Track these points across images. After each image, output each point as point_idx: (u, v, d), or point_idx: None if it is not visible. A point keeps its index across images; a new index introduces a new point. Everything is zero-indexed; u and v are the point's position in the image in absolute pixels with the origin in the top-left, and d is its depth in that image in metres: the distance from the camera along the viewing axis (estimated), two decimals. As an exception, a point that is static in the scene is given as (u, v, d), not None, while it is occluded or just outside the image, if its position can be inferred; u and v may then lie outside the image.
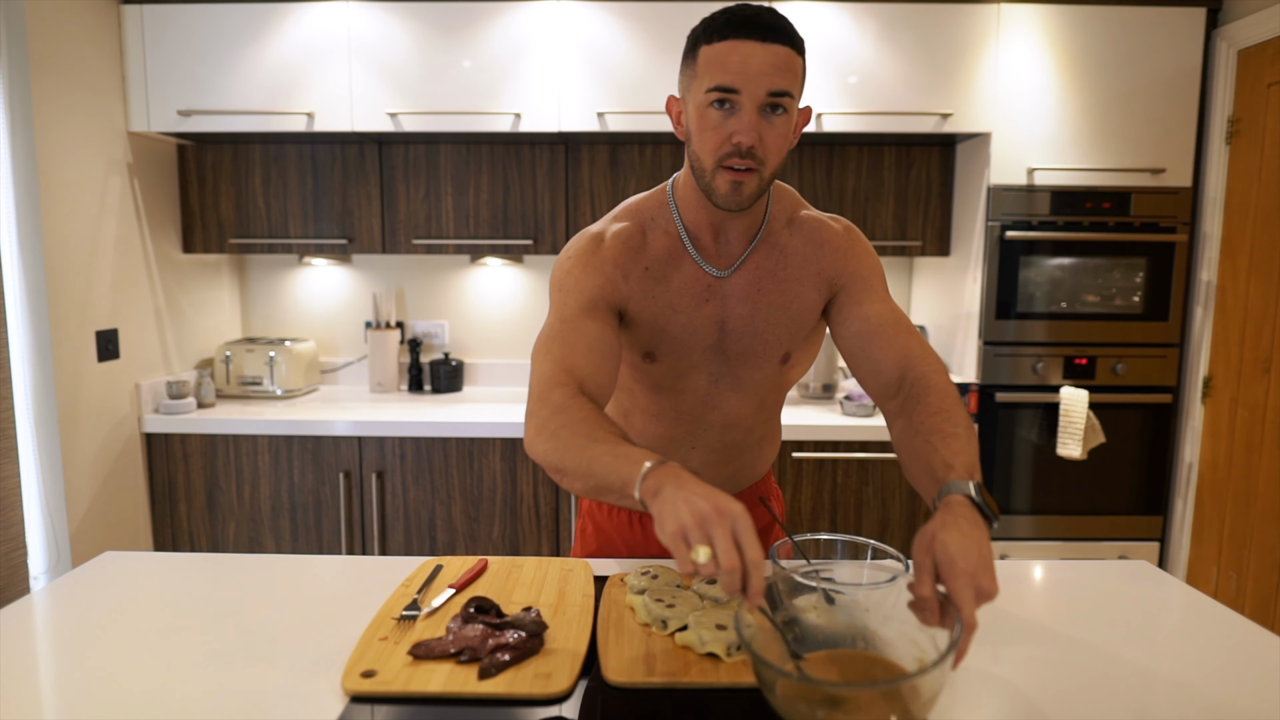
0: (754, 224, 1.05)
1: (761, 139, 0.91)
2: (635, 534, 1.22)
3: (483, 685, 0.79)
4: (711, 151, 0.93)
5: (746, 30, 0.89)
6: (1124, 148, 2.25)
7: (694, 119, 0.94)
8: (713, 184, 0.95)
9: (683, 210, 1.05)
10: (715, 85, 0.90)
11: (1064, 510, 2.35)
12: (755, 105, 0.90)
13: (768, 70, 0.89)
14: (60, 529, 2.02)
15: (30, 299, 1.95)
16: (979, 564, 0.71)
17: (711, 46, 0.91)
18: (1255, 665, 0.87)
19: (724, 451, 1.16)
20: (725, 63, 0.89)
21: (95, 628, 0.94)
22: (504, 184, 2.49)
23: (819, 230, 1.08)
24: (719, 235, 1.04)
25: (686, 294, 1.04)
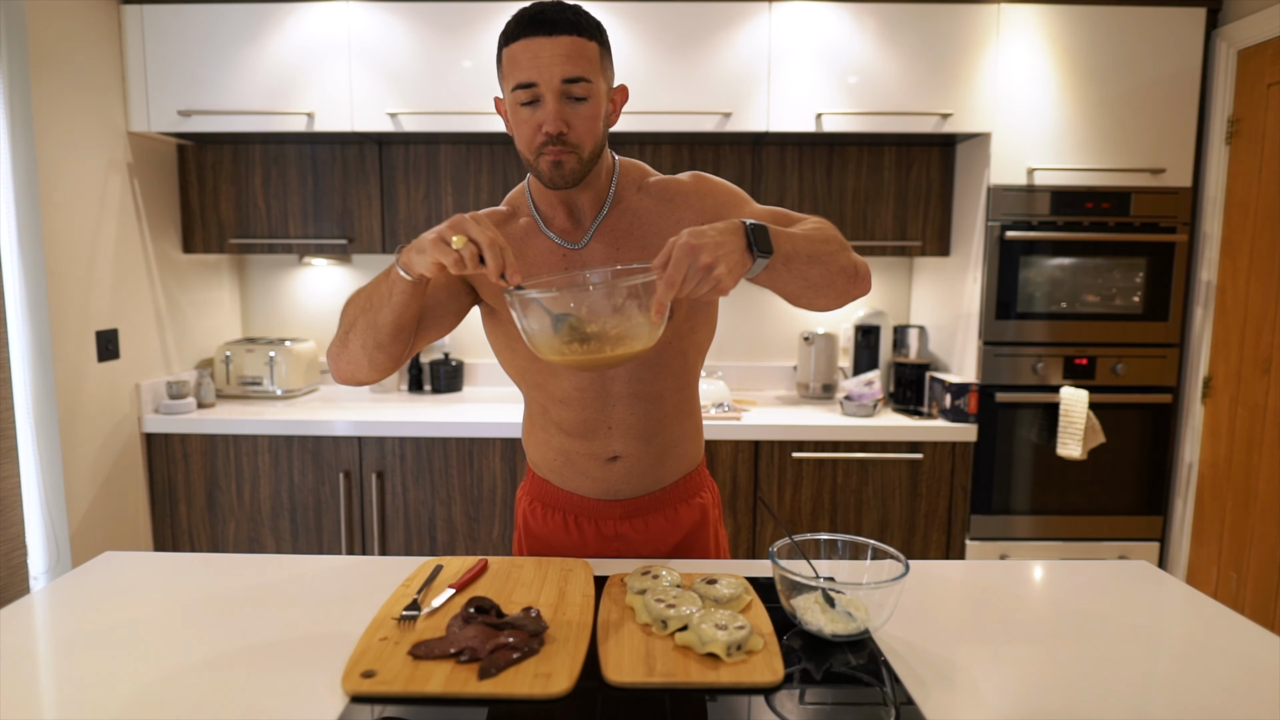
0: (599, 193, 1.10)
1: (569, 124, 0.98)
2: (572, 536, 1.22)
3: (483, 685, 0.79)
4: (527, 143, 1.01)
5: (534, 27, 0.96)
6: (1124, 148, 2.25)
7: (510, 117, 1.03)
8: (538, 168, 1.02)
9: (536, 196, 1.13)
10: (516, 84, 0.97)
11: (1064, 510, 2.35)
12: (554, 94, 0.97)
13: (558, 60, 0.95)
14: (60, 529, 2.02)
15: (30, 299, 1.95)
16: (703, 238, 0.82)
17: (509, 48, 0.98)
18: (1255, 665, 0.87)
19: (642, 428, 1.16)
20: (519, 61, 0.97)
21: (95, 628, 0.94)
22: (504, 184, 2.49)
23: (666, 186, 1.13)
24: (572, 211, 1.10)
25: (543, 264, 1.10)
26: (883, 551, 0.97)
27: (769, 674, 0.82)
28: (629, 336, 0.88)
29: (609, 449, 1.17)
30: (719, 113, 2.24)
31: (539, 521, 1.24)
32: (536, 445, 1.24)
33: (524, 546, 1.28)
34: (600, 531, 1.20)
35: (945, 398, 2.34)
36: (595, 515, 1.20)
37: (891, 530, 2.31)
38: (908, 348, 2.64)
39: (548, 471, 1.23)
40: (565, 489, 1.21)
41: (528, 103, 0.98)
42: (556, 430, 1.18)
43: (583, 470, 1.18)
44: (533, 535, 1.26)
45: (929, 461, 2.28)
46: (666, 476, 1.21)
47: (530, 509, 1.26)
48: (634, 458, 1.17)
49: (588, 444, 1.16)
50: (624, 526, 1.20)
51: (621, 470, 1.17)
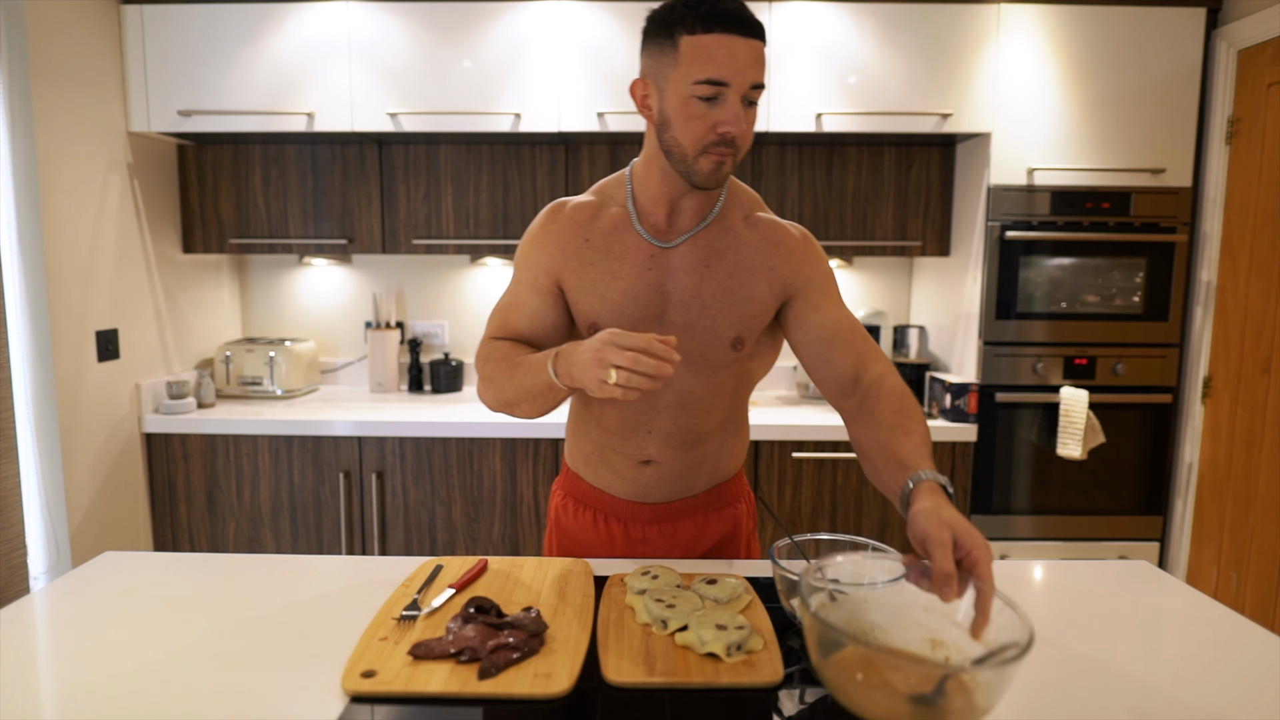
0: (708, 204, 1.09)
1: (744, 129, 0.97)
2: (600, 535, 1.22)
3: (483, 685, 0.79)
4: (696, 140, 0.97)
5: (732, 25, 0.93)
6: (1124, 148, 2.25)
7: (676, 107, 0.97)
8: (695, 167, 0.99)
9: (638, 189, 1.10)
10: (706, 78, 0.93)
11: (1064, 510, 2.35)
12: (739, 97, 0.95)
13: (751, 64, 0.94)
14: (60, 529, 2.02)
15: (30, 299, 1.95)
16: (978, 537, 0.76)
17: (697, 38, 0.94)
18: (1255, 665, 0.87)
19: (681, 436, 1.15)
20: (714, 56, 0.93)
21: (95, 628, 0.94)
22: (504, 184, 2.49)
23: (775, 230, 1.12)
24: (674, 211, 1.09)
25: (628, 262, 1.08)
26: (883, 551, 0.96)
27: (769, 674, 0.82)
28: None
29: (644, 452, 1.16)
30: (719, 113, 2.24)
31: (570, 518, 1.25)
32: (575, 438, 1.24)
33: (554, 542, 1.28)
34: (628, 534, 1.20)
35: (945, 398, 2.34)
36: (624, 516, 1.20)
37: (892, 530, 2.31)
38: (908, 348, 2.64)
39: (582, 466, 1.23)
40: (597, 486, 1.21)
41: (709, 98, 0.95)
42: (596, 425, 1.18)
43: (616, 469, 1.18)
44: (563, 531, 1.26)
45: (929, 461, 2.28)
46: (699, 485, 1.20)
47: (563, 504, 1.26)
48: (668, 465, 1.16)
49: (624, 443, 1.16)
50: (651, 530, 1.20)
51: (653, 475, 1.17)
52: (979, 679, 0.65)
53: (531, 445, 2.26)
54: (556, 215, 1.13)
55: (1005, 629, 0.71)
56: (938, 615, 0.78)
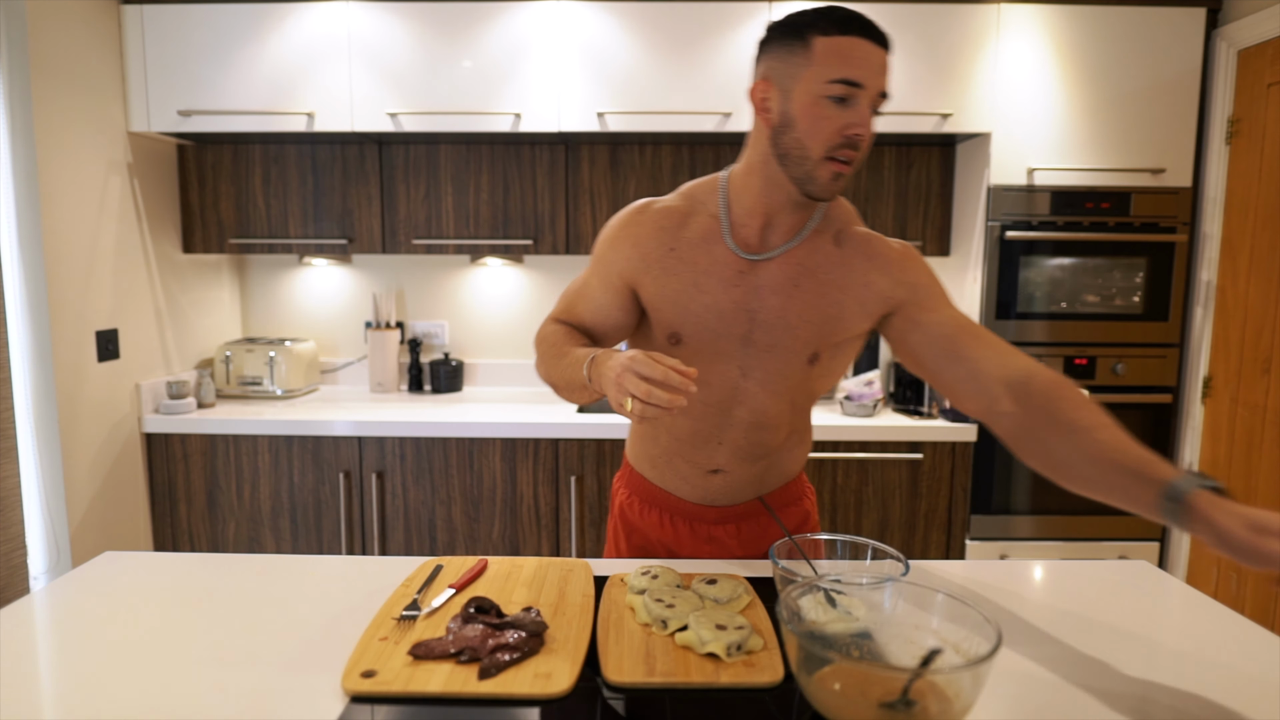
0: (802, 221, 1.05)
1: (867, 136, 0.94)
2: (667, 532, 1.22)
3: (483, 685, 0.79)
4: (823, 142, 0.94)
5: (866, 30, 0.93)
6: (1124, 148, 2.25)
7: (804, 107, 0.94)
8: (814, 173, 0.95)
9: (734, 198, 1.06)
10: (842, 77, 0.91)
11: (1064, 510, 2.35)
12: (870, 102, 0.93)
13: (882, 70, 0.93)
14: (60, 529, 2.02)
15: (30, 299, 1.95)
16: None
17: (833, 39, 0.92)
18: (1255, 665, 0.87)
19: (750, 450, 1.14)
20: (850, 56, 0.91)
21: (95, 628, 0.94)
22: (504, 184, 2.49)
23: (870, 243, 1.08)
24: (768, 225, 1.05)
25: (714, 275, 1.04)
26: (882, 551, 0.97)
27: (769, 674, 0.82)
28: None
29: (713, 462, 1.16)
30: (719, 113, 2.24)
31: (636, 515, 1.25)
32: (643, 440, 1.23)
33: (620, 536, 1.28)
34: (694, 532, 1.21)
35: (945, 398, 2.34)
36: (690, 516, 1.21)
37: (891, 530, 2.31)
38: (908, 348, 2.64)
39: (648, 467, 1.23)
40: (662, 487, 1.21)
41: (841, 99, 0.92)
42: (667, 432, 1.17)
43: (682, 475, 1.18)
44: (630, 526, 1.26)
45: (929, 461, 2.28)
46: (764, 489, 1.21)
47: (628, 502, 1.26)
48: (735, 474, 1.16)
49: (694, 451, 1.15)
50: (718, 530, 1.20)
51: (720, 483, 1.17)
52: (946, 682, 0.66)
53: (531, 445, 2.26)
54: (641, 217, 1.09)
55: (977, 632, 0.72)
56: (926, 631, 0.78)
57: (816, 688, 0.68)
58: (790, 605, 0.77)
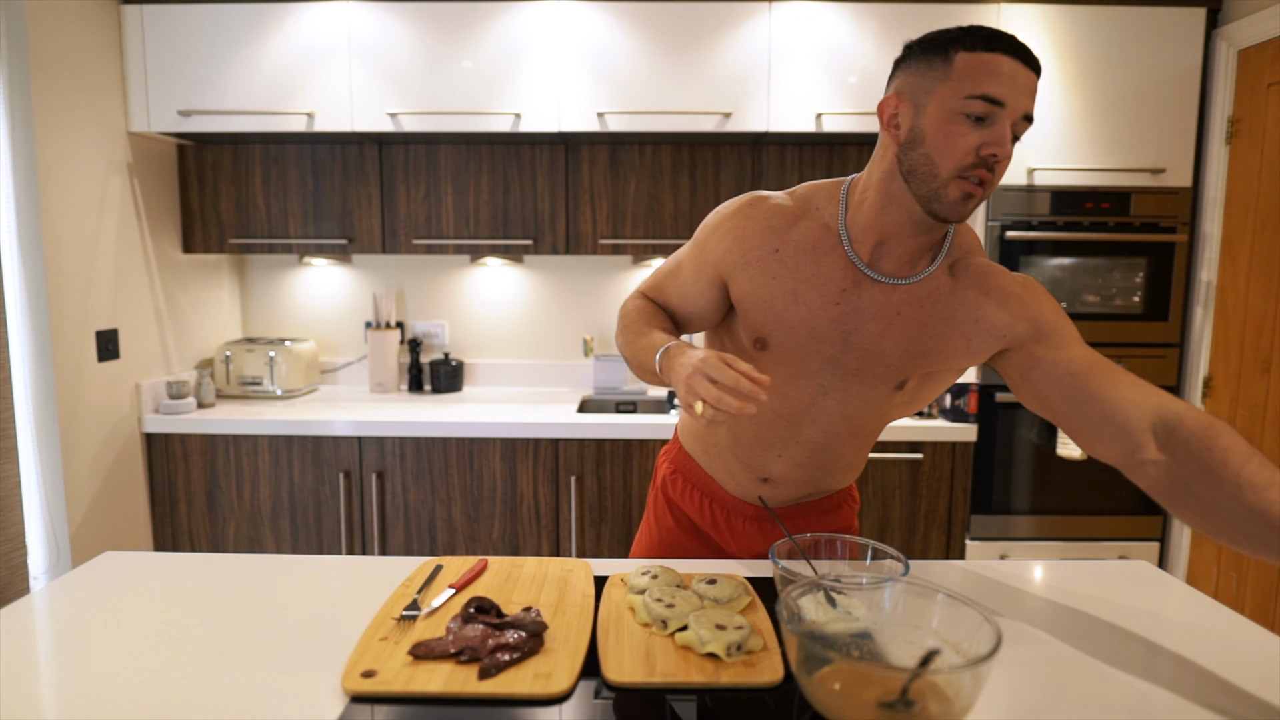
0: (919, 254, 0.99)
1: (1004, 159, 0.88)
2: (706, 517, 1.23)
3: (483, 685, 0.79)
4: (955, 159, 0.88)
5: (1013, 50, 0.88)
6: (1124, 148, 2.25)
7: (937, 123, 0.89)
8: (943, 191, 0.90)
9: (851, 211, 1.00)
10: (984, 94, 0.86)
11: (1064, 510, 2.35)
12: (1011, 123, 0.88)
13: (1029, 92, 0.88)
14: (60, 529, 2.02)
15: (30, 299, 1.95)
16: None
17: (977, 55, 0.88)
18: (1255, 665, 0.87)
19: (809, 469, 1.14)
20: (996, 72, 0.87)
21: (95, 628, 0.94)
22: (504, 184, 2.49)
23: (989, 276, 1.00)
24: (880, 245, 0.98)
25: (816, 288, 1.00)
26: (882, 551, 0.97)
27: (769, 674, 0.82)
28: None
29: (766, 470, 1.15)
30: (719, 113, 2.24)
31: (678, 493, 1.26)
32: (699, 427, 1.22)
33: (662, 507, 1.28)
34: (731, 523, 1.22)
35: (945, 398, 2.34)
36: (729, 508, 1.22)
37: (891, 530, 2.31)
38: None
39: (699, 451, 1.23)
40: (708, 473, 1.22)
41: (979, 116, 0.87)
42: (729, 430, 1.15)
43: (731, 472, 1.19)
44: (671, 501, 1.26)
45: (929, 461, 2.28)
46: (811, 497, 1.21)
47: (671, 478, 1.27)
48: (785, 484, 1.16)
49: (751, 455, 1.14)
50: (751, 526, 1.22)
51: (768, 491, 1.18)
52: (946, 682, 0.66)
53: (531, 445, 2.26)
54: (751, 210, 1.04)
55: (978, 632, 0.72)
56: (926, 631, 0.78)
57: (816, 688, 0.68)
58: (790, 605, 0.77)
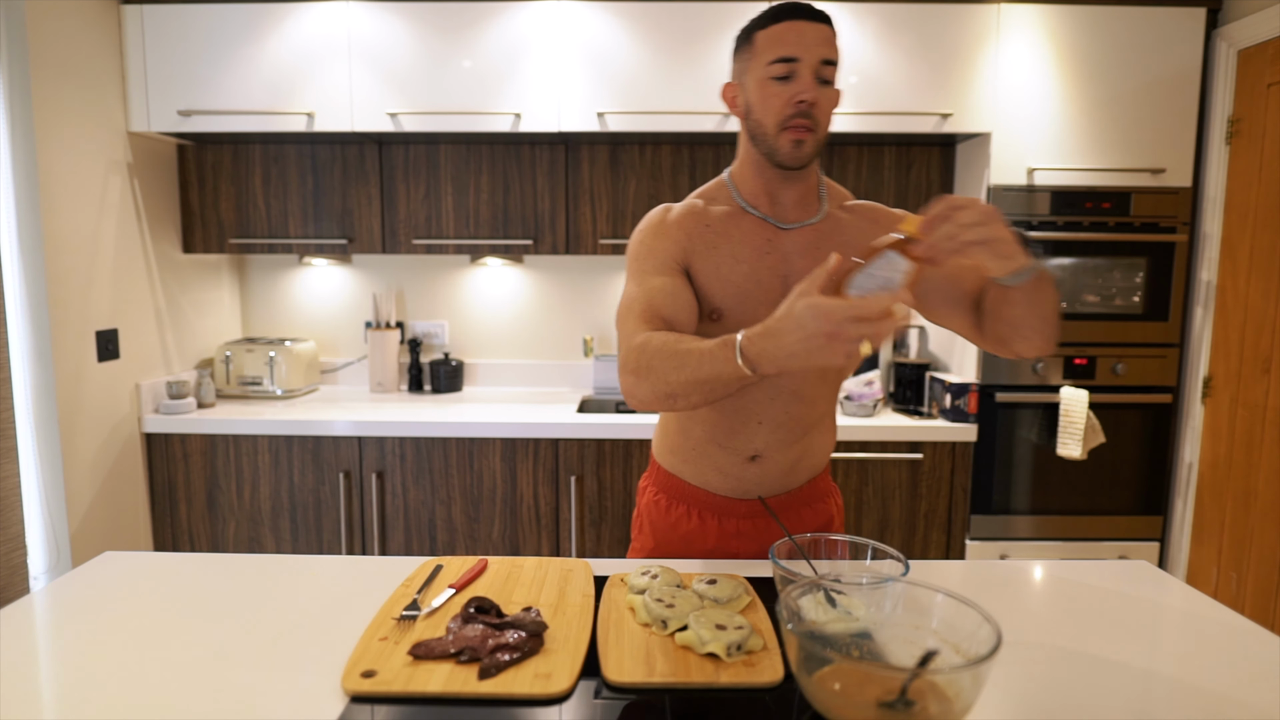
0: (806, 194, 1.14)
1: (817, 100, 1.04)
2: (693, 525, 1.22)
3: (483, 685, 0.79)
4: (775, 115, 1.05)
5: (797, 13, 1.04)
6: (1124, 148, 2.25)
7: (755, 92, 1.07)
8: (776, 145, 1.06)
9: (739, 186, 1.16)
10: (777, 57, 1.03)
11: (1064, 510, 2.35)
12: (811, 71, 1.03)
13: (820, 42, 1.03)
14: (60, 529, 2.02)
15: (30, 299, 1.95)
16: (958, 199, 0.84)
17: (768, 29, 1.05)
18: (1255, 665, 0.87)
19: (789, 428, 1.17)
20: (783, 38, 1.03)
21: (95, 628, 0.94)
22: (504, 184, 2.49)
23: (873, 209, 1.19)
24: (774, 201, 1.14)
25: (748, 245, 1.12)
26: (883, 551, 0.97)
27: (769, 674, 0.82)
28: None
29: (752, 446, 1.17)
30: (719, 113, 2.24)
31: (662, 513, 1.26)
32: (674, 435, 1.24)
33: (647, 536, 1.28)
34: (722, 528, 1.22)
35: (945, 398, 2.34)
36: (720, 511, 1.21)
37: (891, 530, 2.31)
38: (907, 347, 2.64)
39: (679, 464, 1.23)
40: (695, 484, 1.22)
41: (783, 77, 1.03)
42: (699, 422, 1.18)
43: (719, 465, 1.19)
44: (655, 526, 1.27)
45: (929, 461, 2.28)
46: (795, 481, 1.22)
47: (655, 500, 1.27)
48: (773, 460, 1.18)
49: (731, 438, 1.17)
50: (745, 524, 1.21)
51: (757, 472, 1.19)
52: (946, 682, 0.66)
53: (531, 445, 2.26)
54: (668, 213, 1.16)
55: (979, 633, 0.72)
56: (926, 631, 0.78)
57: (816, 688, 0.68)
58: (790, 605, 0.77)
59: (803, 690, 0.71)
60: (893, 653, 0.79)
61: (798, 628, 0.74)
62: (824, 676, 0.69)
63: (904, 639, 0.79)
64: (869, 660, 0.78)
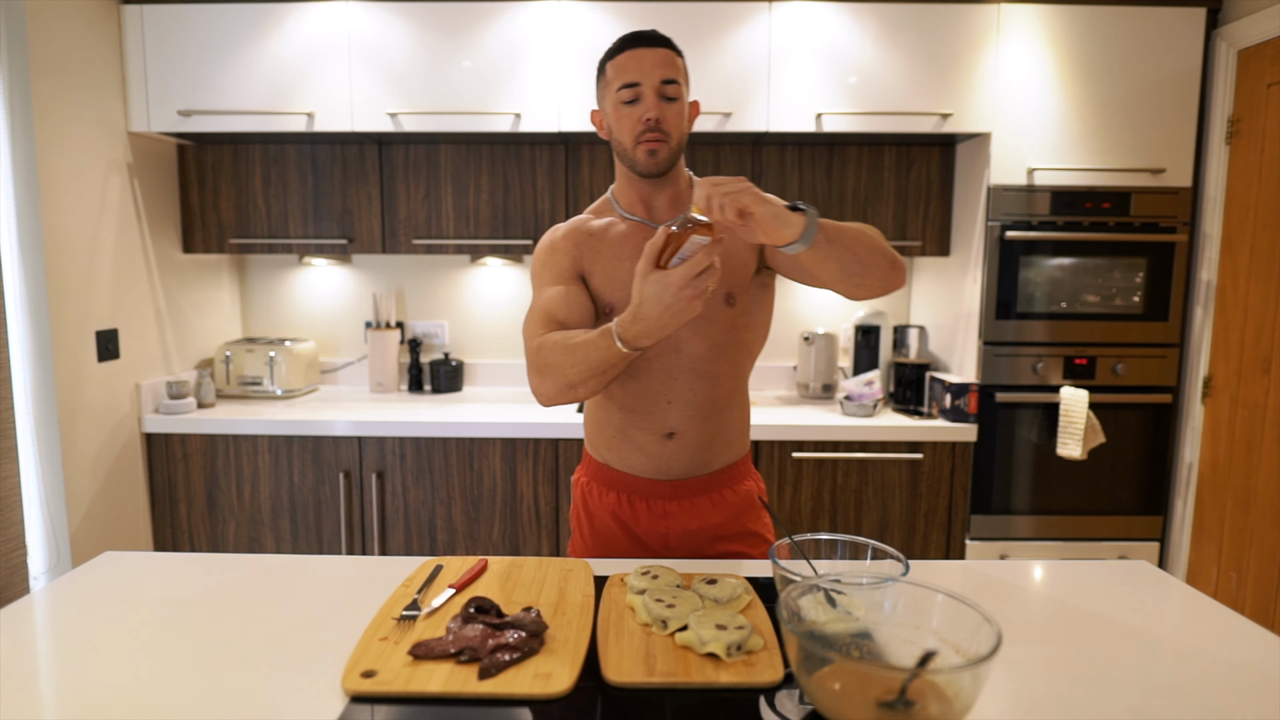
0: (677, 196, 1.27)
1: (663, 116, 1.17)
2: (625, 511, 1.29)
3: (483, 685, 0.79)
4: (629, 133, 1.18)
5: (637, 42, 1.18)
6: (1124, 148, 2.25)
7: (612, 115, 1.21)
8: (635, 157, 1.19)
9: (619, 199, 1.30)
10: (623, 83, 1.17)
11: (1064, 510, 2.35)
12: (653, 91, 1.17)
13: (658, 65, 1.17)
14: (60, 529, 2.02)
15: (30, 299, 1.95)
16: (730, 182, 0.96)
17: (614, 60, 1.20)
18: (1255, 665, 0.87)
19: (697, 404, 1.25)
20: (626, 66, 1.18)
21: (95, 628, 0.94)
22: (504, 184, 2.49)
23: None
24: (649, 207, 1.26)
25: (628, 246, 1.24)
26: (883, 551, 0.97)
27: (769, 674, 0.82)
28: None
29: (666, 424, 1.25)
30: (719, 113, 2.24)
31: (595, 500, 1.33)
32: (597, 425, 1.32)
33: (583, 521, 1.36)
34: (651, 509, 1.28)
35: (945, 398, 2.34)
36: (647, 494, 1.28)
37: (891, 530, 2.31)
38: (908, 348, 2.64)
39: (605, 451, 1.31)
40: (620, 469, 1.29)
41: (630, 101, 1.17)
42: (618, 408, 1.27)
43: (639, 445, 1.26)
44: (590, 513, 1.34)
45: (929, 461, 2.28)
46: (715, 461, 1.29)
47: (588, 488, 1.35)
48: (689, 436, 1.25)
49: (647, 419, 1.25)
50: (672, 505, 1.27)
51: (675, 448, 1.26)
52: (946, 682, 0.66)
53: (531, 445, 2.26)
54: (557, 230, 1.30)
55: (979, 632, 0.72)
56: (926, 631, 0.78)
57: (816, 688, 0.68)
58: (790, 605, 0.77)
59: (803, 690, 0.71)
60: (893, 653, 0.79)
61: (798, 628, 0.74)
62: (824, 676, 0.69)
63: (904, 639, 0.79)
64: (869, 660, 0.78)
